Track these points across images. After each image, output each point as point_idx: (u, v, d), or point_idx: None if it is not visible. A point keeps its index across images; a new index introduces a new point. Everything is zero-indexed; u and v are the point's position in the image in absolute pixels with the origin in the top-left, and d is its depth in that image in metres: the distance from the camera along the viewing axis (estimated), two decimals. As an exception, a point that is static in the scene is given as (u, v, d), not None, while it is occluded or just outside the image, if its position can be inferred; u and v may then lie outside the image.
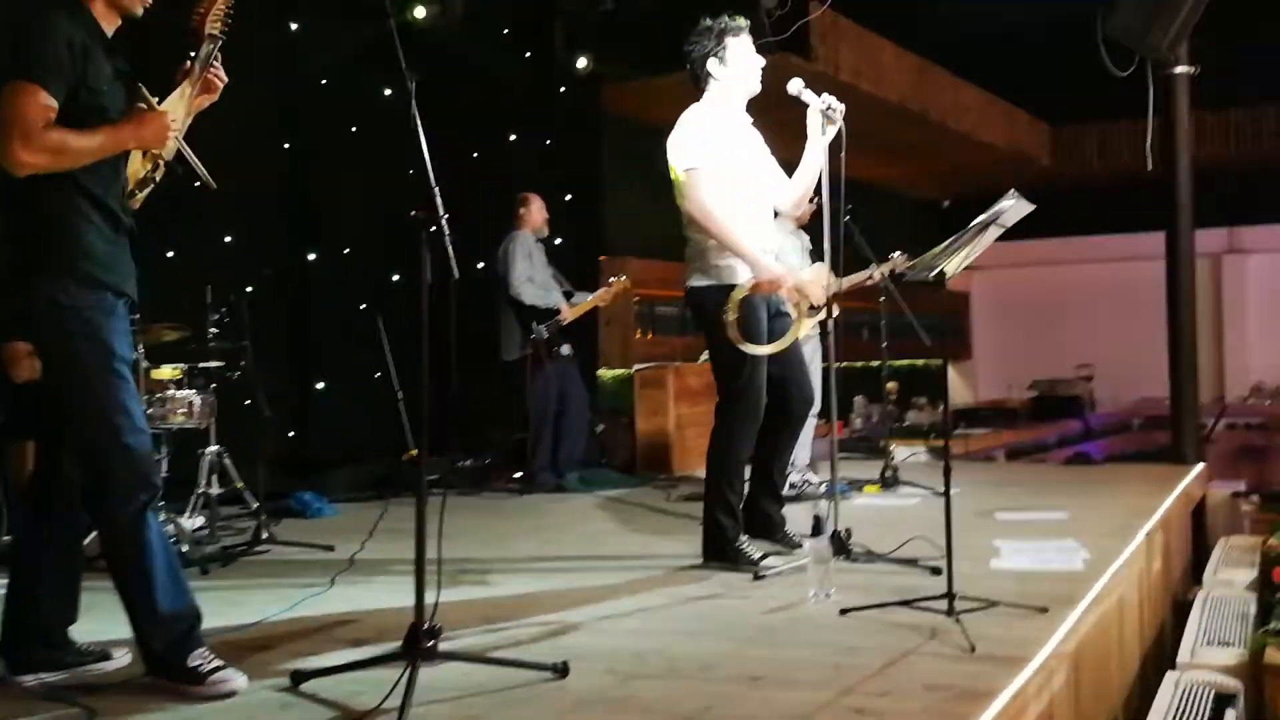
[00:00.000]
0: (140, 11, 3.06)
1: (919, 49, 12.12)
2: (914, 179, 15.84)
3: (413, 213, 2.95)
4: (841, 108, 4.43)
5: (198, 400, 5.32)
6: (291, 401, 7.35)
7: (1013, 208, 3.52)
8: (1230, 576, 5.82)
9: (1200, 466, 7.82)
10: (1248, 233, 16.58)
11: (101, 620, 3.30)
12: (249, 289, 6.58)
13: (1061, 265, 16.69)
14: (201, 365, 5.48)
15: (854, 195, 4.63)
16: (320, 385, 7.29)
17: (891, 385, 11.53)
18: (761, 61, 4.62)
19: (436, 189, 2.93)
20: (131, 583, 2.95)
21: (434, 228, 2.92)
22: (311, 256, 7.22)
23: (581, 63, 9.31)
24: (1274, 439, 14.97)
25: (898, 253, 7.15)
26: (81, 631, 3.25)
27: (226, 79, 3.18)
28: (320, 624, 3.73)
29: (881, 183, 14.75)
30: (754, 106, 4.72)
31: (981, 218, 3.56)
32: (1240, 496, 8.07)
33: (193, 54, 3.12)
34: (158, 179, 3.16)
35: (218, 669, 2.94)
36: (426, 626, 2.91)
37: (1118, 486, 7.05)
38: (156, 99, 3.03)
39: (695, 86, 4.66)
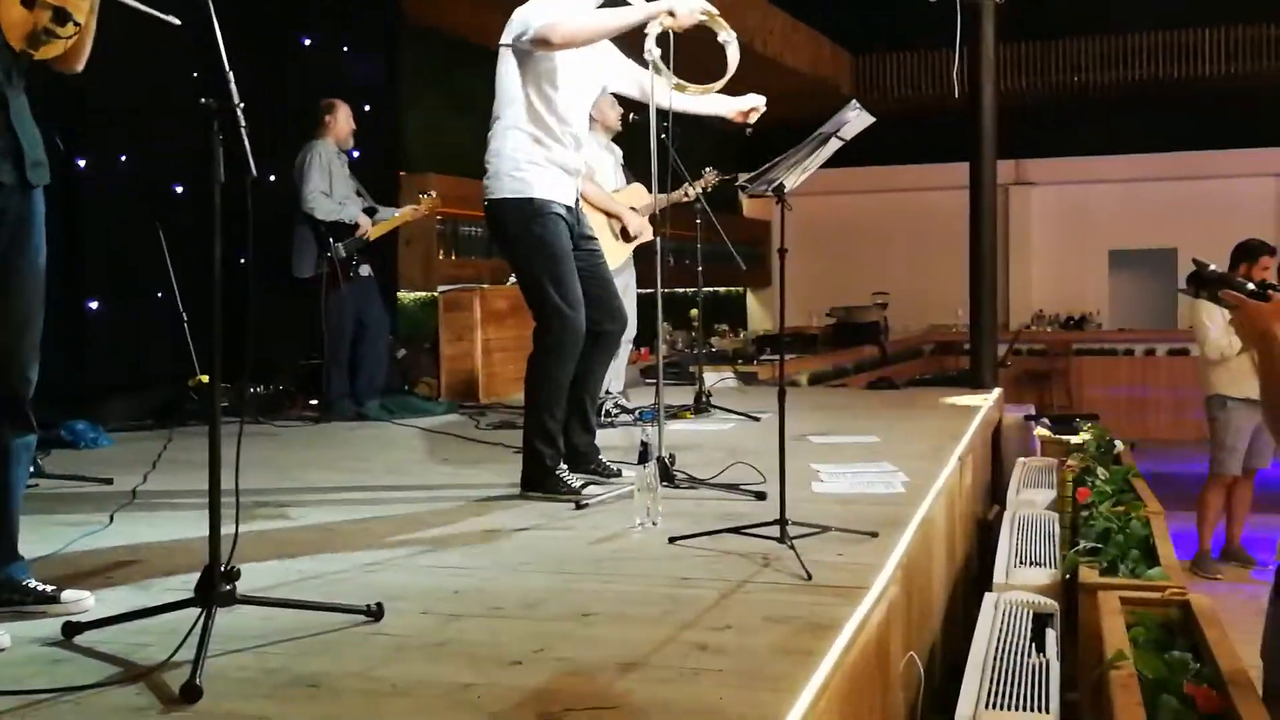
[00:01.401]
0: None
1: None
2: (718, 104, 15.77)
3: (203, 100, 2.57)
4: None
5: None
6: (62, 323, 6.71)
7: (855, 119, 3.37)
8: (1031, 496, 5.97)
9: (998, 391, 8.04)
10: (1033, 165, 17.20)
11: None
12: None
13: (858, 194, 16.97)
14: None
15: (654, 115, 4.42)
16: (94, 305, 6.67)
17: (694, 311, 11.54)
18: None
19: (231, 75, 2.57)
20: None
21: (228, 119, 2.55)
22: (81, 163, 6.55)
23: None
24: (1055, 364, 15.71)
25: (709, 169, 7.05)
26: None
27: None
28: (98, 566, 3.35)
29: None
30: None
31: (823, 129, 3.40)
32: (1031, 420, 8.33)
33: None
34: (63, 33, 2.67)
35: None
36: (223, 568, 2.58)
37: (921, 411, 7.17)
38: None
39: None
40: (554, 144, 4.31)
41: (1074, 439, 7.41)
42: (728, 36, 4.29)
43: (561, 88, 4.30)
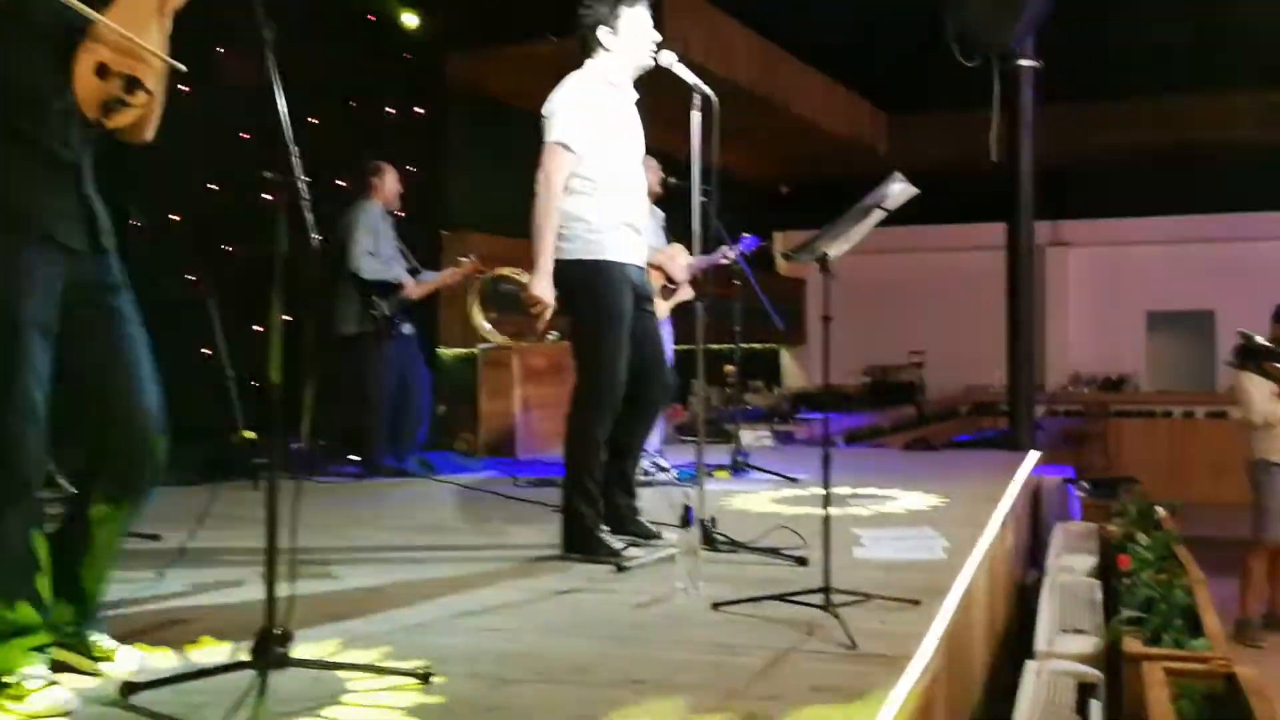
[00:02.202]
0: None
1: (766, 33, 12.13)
2: (754, 163, 15.90)
3: (265, 174, 2.65)
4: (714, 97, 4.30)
5: None
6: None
7: (898, 190, 3.43)
8: (1071, 562, 5.94)
9: (1036, 453, 8.02)
10: (1069, 226, 17.20)
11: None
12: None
13: (893, 253, 17.01)
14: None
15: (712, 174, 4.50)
16: (142, 361, 6.78)
17: (729, 368, 11.57)
18: (657, 36, 4.45)
19: (295, 150, 2.65)
20: None
21: (291, 192, 2.63)
22: (133, 221, 6.69)
23: (412, 21, 8.91)
24: (1093, 426, 15.62)
25: (746, 235, 7.12)
26: None
27: None
28: (150, 624, 3.40)
29: (721, 165, 14.74)
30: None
31: (866, 200, 3.45)
32: (1070, 483, 8.30)
33: None
34: (135, 101, 2.73)
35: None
36: (277, 631, 2.63)
37: (961, 473, 7.15)
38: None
39: (584, 54, 4.45)
40: (620, 203, 4.38)
41: (1114, 503, 7.37)
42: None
43: (612, 150, 4.38)
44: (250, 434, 6.76)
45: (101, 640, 2.90)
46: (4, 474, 2.56)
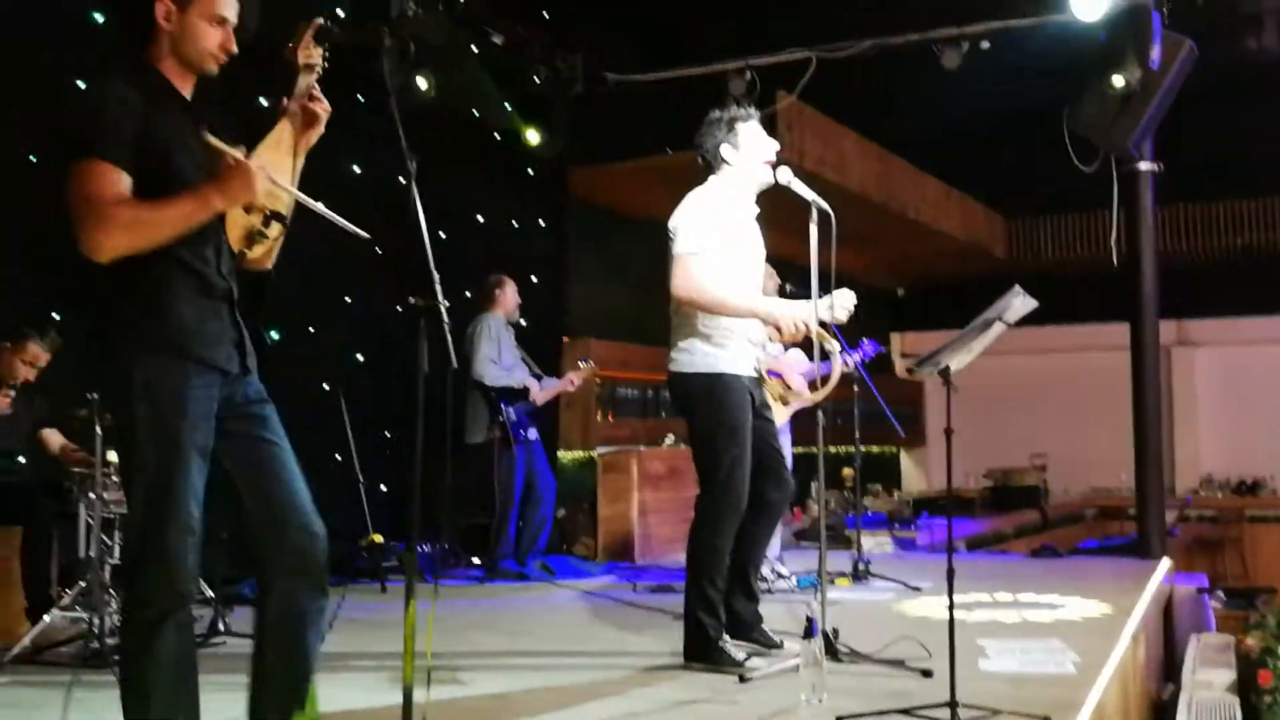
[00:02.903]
0: (214, 68, 2.86)
1: (881, 140, 12.26)
2: (871, 267, 15.94)
3: (410, 299, 2.82)
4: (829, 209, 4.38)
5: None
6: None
7: (1018, 304, 3.46)
8: (1209, 677, 5.74)
9: (1168, 562, 7.79)
10: (1195, 326, 16.81)
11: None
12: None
13: (1013, 355, 16.78)
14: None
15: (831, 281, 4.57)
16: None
17: (848, 471, 11.48)
18: (775, 145, 4.58)
19: (436, 275, 2.81)
20: (127, 696, 2.72)
21: (433, 316, 2.79)
22: (274, 335, 7.03)
23: (546, 147, 9.27)
24: (1227, 532, 15.07)
25: (865, 340, 7.14)
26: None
27: (329, 108, 2.96)
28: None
29: (838, 270, 14.81)
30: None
31: (986, 314, 3.49)
32: (1205, 592, 8.02)
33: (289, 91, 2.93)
34: (270, 234, 2.93)
35: None
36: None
37: (1089, 581, 6.98)
38: (242, 147, 2.81)
39: (706, 171, 4.59)
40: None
41: (1251, 614, 7.11)
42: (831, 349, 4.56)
43: (732, 263, 4.48)
44: (378, 537, 6.96)
45: None
46: (164, 586, 2.71)
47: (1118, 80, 7.32)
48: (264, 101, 5.26)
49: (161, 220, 2.67)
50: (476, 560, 7.65)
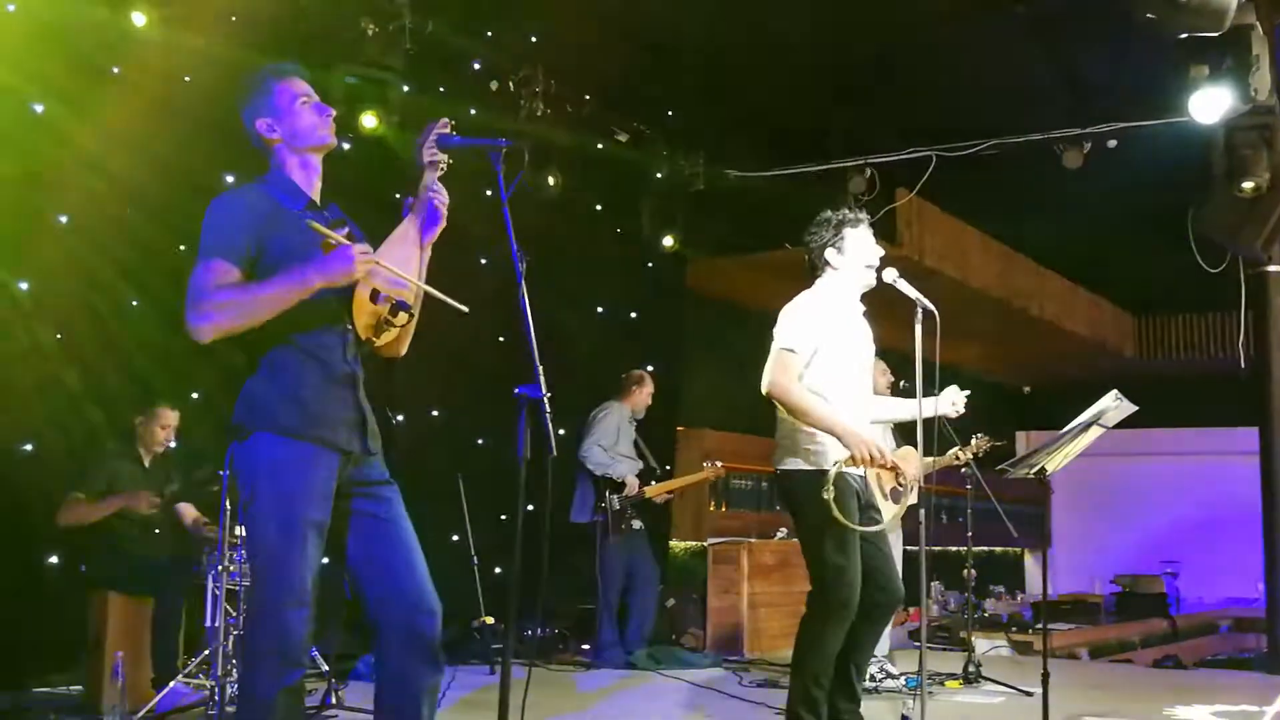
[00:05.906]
0: (333, 141, 3.14)
1: (1004, 237, 12.23)
2: (995, 364, 15.77)
3: (516, 391, 2.97)
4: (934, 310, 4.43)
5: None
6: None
7: (1115, 409, 3.47)
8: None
9: (1299, 680, 7.47)
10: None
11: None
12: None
13: (1143, 456, 16.35)
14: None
15: (935, 378, 4.59)
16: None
17: (968, 572, 11.27)
18: (880, 251, 4.64)
19: (540, 368, 2.96)
20: None
21: (537, 406, 2.94)
22: (399, 418, 7.31)
23: (668, 241, 9.54)
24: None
25: (978, 435, 7.08)
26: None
27: (447, 198, 3.19)
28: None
29: (962, 366, 14.74)
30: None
31: (1083, 418, 3.50)
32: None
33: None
34: (397, 322, 3.13)
35: None
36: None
37: (1213, 695, 6.74)
38: (345, 229, 3.06)
39: (812, 274, 4.67)
40: (842, 410, 4.52)
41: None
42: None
43: (838, 362, 4.53)
44: (490, 619, 7.10)
45: None
46: (280, 655, 2.87)
47: (1247, 184, 7.24)
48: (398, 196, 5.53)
49: (257, 298, 2.89)
50: (585, 647, 7.72)
